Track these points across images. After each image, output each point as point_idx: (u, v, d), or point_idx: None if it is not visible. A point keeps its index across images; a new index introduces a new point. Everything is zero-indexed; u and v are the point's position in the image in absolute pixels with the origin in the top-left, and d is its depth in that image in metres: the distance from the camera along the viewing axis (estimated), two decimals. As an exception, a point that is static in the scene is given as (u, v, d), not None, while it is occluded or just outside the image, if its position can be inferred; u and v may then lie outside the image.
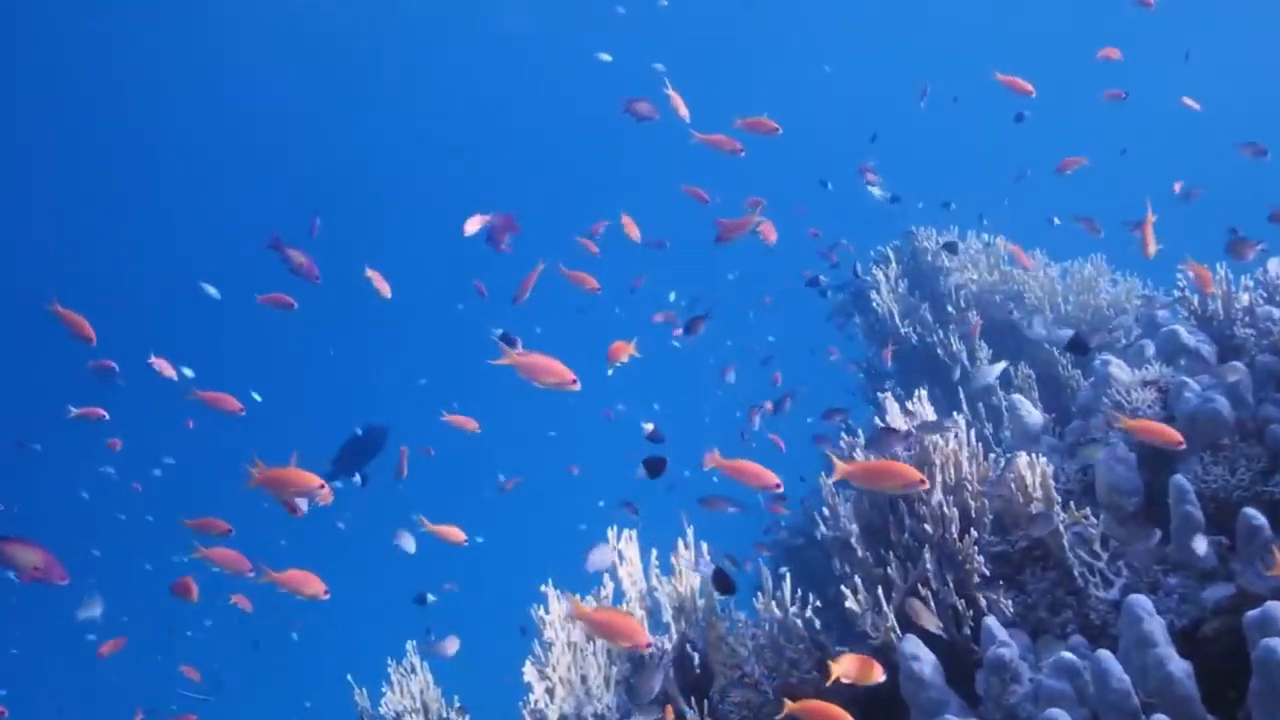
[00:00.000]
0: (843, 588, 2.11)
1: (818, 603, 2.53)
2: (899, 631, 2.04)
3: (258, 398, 5.95)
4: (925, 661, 1.95)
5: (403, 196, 18.34)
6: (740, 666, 2.35)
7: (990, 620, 1.96)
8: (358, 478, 4.94)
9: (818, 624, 2.49)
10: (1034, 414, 2.59)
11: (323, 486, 2.37)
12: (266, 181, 17.62)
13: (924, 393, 2.43)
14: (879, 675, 1.86)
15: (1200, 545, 1.98)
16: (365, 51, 17.84)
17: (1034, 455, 2.23)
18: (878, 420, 2.38)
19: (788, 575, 2.51)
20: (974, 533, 2.11)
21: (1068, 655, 1.80)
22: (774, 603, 2.42)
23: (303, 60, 17.50)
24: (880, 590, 2.09)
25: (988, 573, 2.08)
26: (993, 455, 2.28)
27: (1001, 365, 3.14)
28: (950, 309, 4.01)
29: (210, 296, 5.92)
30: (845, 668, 1.87)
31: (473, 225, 3.45)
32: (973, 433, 2.25)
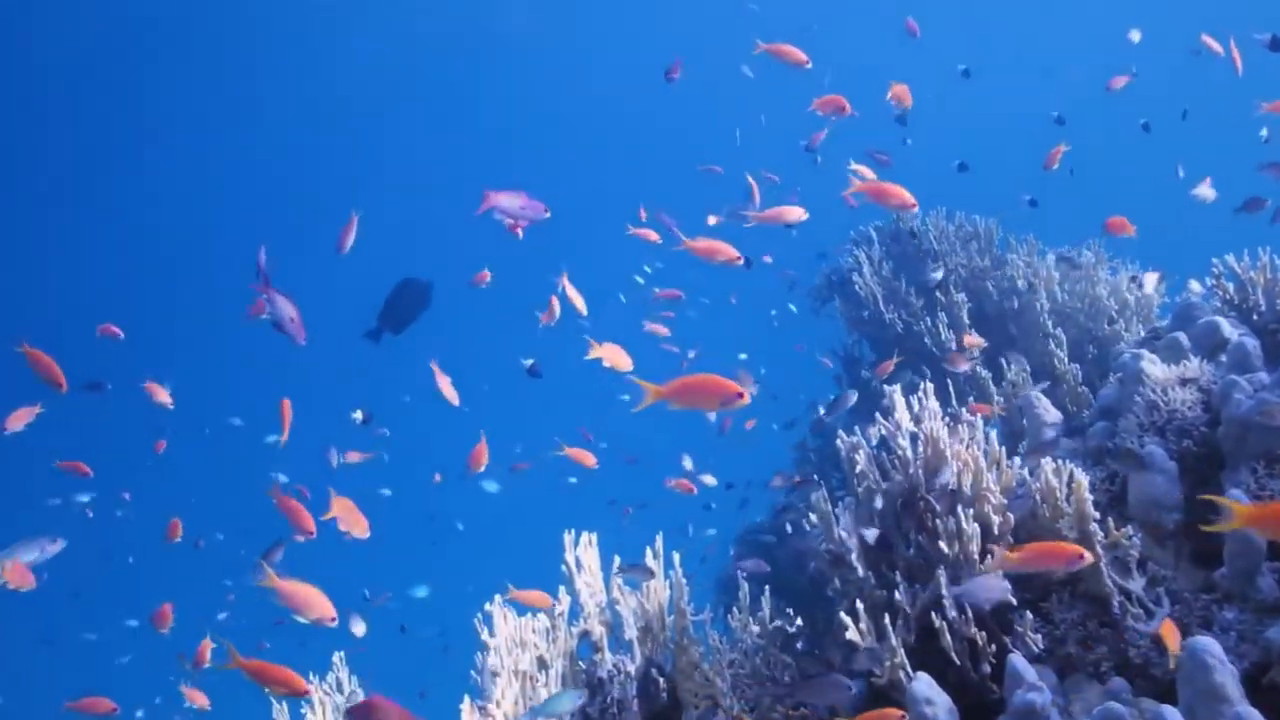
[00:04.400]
0: (841, 614, 1.79)
1: (799, 621, 2.23)
2: (909, 670, 1.72)
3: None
4: (940, 706, 1.64)
5: (402, 199, 17.79)
6: (715, 698, 2.03)
7: (1016, 657, 1.65)
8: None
9: (800, 646, 2.21)
10: (1052, 412, 2.29)
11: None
12: (265, 186, 17.16)
13: (930, 385, 2.11)
14: None
15: (1263, 575, 1.69)
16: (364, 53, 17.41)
17: (1061, 461, 1.93)
18: (879, 417, 2.05)
19: (767, 591, 2.20)
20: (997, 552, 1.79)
21: (1116, 708, 1.50)
22: (753, 624, 2.11)
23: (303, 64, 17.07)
24: (886, 618, 1.78)
25: (1014, 601, 1.78)
26: (1016, 461, 1.97)
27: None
28: (939, 295, 3.71)
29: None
30: None
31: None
32: (994, 434, 1.94)
